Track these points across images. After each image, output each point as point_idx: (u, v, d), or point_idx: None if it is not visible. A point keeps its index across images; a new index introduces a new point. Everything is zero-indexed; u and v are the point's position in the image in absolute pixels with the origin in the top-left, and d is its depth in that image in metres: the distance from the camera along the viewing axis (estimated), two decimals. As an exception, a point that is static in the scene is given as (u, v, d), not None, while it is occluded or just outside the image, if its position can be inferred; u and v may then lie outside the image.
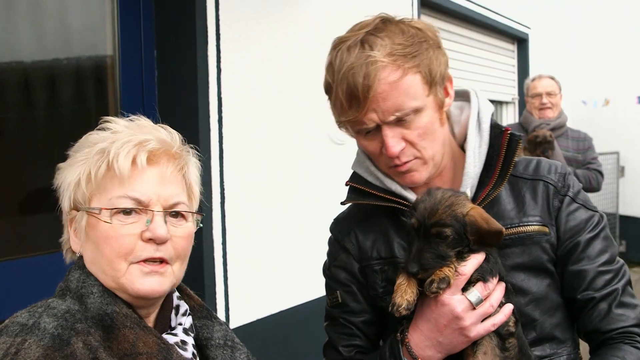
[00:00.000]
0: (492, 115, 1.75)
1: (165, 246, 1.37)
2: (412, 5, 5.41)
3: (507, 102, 8.06)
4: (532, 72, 7.61)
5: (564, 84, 5.61)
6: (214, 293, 3.43)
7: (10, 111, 2.95)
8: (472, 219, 1.46)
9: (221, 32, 3.46)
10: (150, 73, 3.44)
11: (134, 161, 1.36)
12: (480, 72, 7.19)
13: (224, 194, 3.48)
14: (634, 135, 9.70)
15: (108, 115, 1.46)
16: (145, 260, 1.35)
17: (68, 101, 3.20)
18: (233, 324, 3.53)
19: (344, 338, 1.77)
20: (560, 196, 1.68)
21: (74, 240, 1.42)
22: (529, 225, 1.65)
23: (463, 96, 1.80)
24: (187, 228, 1.44)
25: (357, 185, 1.75)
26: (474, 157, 1.66)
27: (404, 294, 1.46)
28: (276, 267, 3.83)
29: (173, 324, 1.46)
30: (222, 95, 3.46)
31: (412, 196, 1.67)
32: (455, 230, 1.45)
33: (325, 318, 1.85)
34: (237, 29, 3.57)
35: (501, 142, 1.65)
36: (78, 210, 1.38)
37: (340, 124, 1.66)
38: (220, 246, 3.47)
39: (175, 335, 1.42)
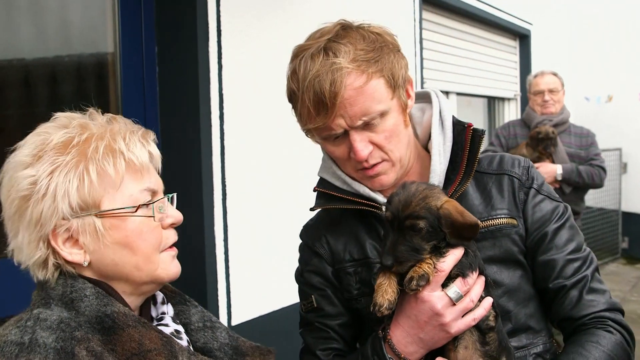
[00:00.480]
0: (453, 114, 1.77)
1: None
2: (414, 2, 5.41)
3: (509, 99, 8.05)
4: (534, 68, 7.59)
5: (567, 80, 5.59)
6: (216, 290, 3.43)
7: (12, 108, 2.95)
8: (447, 211, 1.46)
9: (222, 28, 3.46)
10: (151, 69, 3.43)
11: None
12: (482, 69, 7.17)
13: (225, 190, 3.48)
14: (637, 132, 9.67)
15: (110, 112, 1.45)
16: (170, 246, 1.40)
17: (69, 98, 3.20)
18: (235, 321, 3.54)
19: (321, 342, 1.77)
20: (525, 189, 1.73)
21: (71, 252, 1.30)
22: (497, 218, 1.68)
23: (423, 98, 1.83)
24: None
25: (325, 190, 1.77)
26: (439, 155, 1.69)
27: (385, 293, 1.46)
28: (278, 264, 3.83)
29: (154, 314, 1.45)
30: (224, 92, 3.46)
31: (381, 198, 1.70)
32: (429, 223, 1.45)
33: (300, 324, 1.86)
34: (238, 24, 3.56)
35: (464, 138, 1.68)
36: (79, 217, 1.29)
37: (307, 131, 1.68)
38: (222, 242, 3.47)
39: (167, 325, 1.41)
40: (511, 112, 8.05)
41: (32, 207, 1.27)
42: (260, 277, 3.72)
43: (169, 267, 1.38)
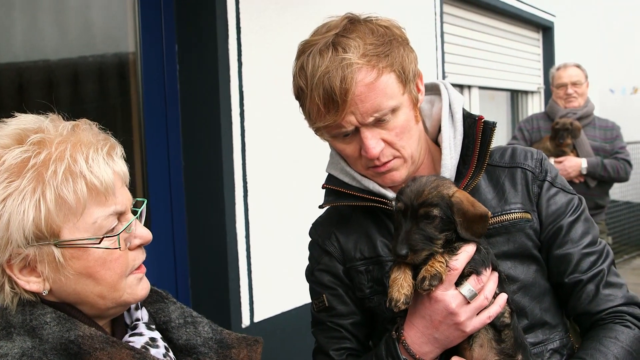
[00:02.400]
0: (463, 105, 1.74)
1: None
2: (435, -6, 5.37)
3: (532, 92, 7.96)
4: (558, 60, 7.50)
5: (591, 73, 5.51)
6: (238, 287, 3.45)
7: (36, 108, 2.98)
8: (458, 199, 1.45)
9: (242, 25, 3.46)
10: (171, 68, 3.45)
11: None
12: (505, 62, 7.11)
13: (246, 187, 3.49)
14: (664, 124, 9.51)
15: (131, 111, 1.36)
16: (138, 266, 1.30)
17: (92, 97, 3.23)
18: (257, 317, 3.55)
19: (334, 342, 1.74)
20: (539, 181, 1.68)
21: (28, 280, 1.20)
22: (511, 212, 1.65)
23: (432, 89, 1.79)
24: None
25: (334, 187, 1.74)
26: (450, 149, 1.66)
27: (401, 288, 1.44)
28: (299, 261, 3.81)
29: (128, 320, 1.38)
30: (244, 89, 3.47)
31: (390, 194, 1.67)
32: (442, 211, 1.43)
33: (312, 323, 1.83)
34: (257, 22, 3.57)
35: (475, 131, 1.64)
36: (35, 246, 1.17)
37: (317, 129, 1.64)
38: (244, 239, 3.48)
39: (141, 334, 1.33)
40: (535, 106, 7.97)
41: None
42: (282, 274, 3.73)
43: (136, 290, 1.28)
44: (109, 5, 3.29)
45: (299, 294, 3.82)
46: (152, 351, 1.29)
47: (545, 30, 7.99)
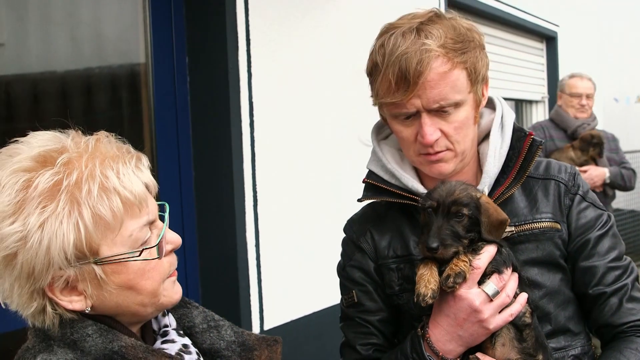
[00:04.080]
0: (515, 121, 1.80)
1: None
2: (439, 5, 5.41)
3: (536, 101, 7.99)
4: (562, 70, 7.53)
5: (595, 82, 5.55)
6: (248, 295, 3.47)
7: (47, 120, 3.02)
8: (486, 201, 1.55)
9: (251, 37, 3.51)
10: (182, 79, 3.50)
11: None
12: (509, 72, 7.14)
13: (256, 196, 3.52)
14: (668, 133, 9.52)
15: (142, 122, 1.37)
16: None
17: (104, 108, 3.28)
18: (267, 325, 3.57)
19: (361, 337, 1.79)
20: (571, 195, 1.74)
21: (70, 300, 1.20)
22: (541, 221, 1.70)
23: (486, 103, 1.85)
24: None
25: (374, 182, 1.79)
26: (494, 157, 1.72)
27: (428, 283, 1.49)
28: (309, 268, 3.85)
29: (155, 327, 1.39)
30: (253, 100, 3.51)
31: None
32: (471, 211, 1.51)
33: (341, 318, 1.88)
34: (267, 34, 3.62)
35: (523, 144, 1.71)
36: (76, 266, 1.17)
37: (380, 105, 1.70)
38: (254, 248, 3.51)
39: (173, 341, 1.35)
40: (539, 115, 7.99)
41: (21, 261, 1.14)
42: (292, 281, 3.76)
43: (172, 293, 1.31)
44: (120, 17, 3.34)
45: (309, 302, 3.85)
46: (186, 357, 1.32)
47: (549, 40, 8.02)
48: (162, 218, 1.33)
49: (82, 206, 1.15)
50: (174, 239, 1.33)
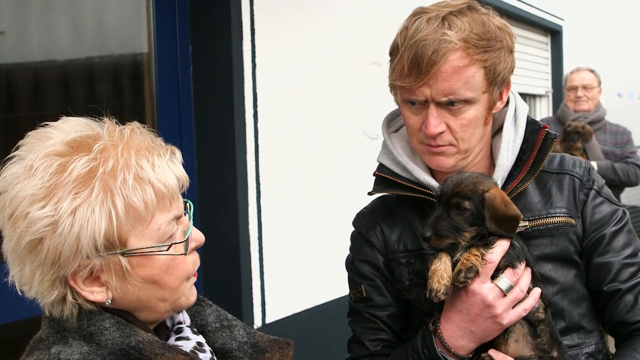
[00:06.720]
0: (528, 114, 1.78)
1: None
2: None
3: (540, 96, 7.95)
4: (566, 64, 7.50)
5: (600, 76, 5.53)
6: (250, 288, 3.45)
7: (49, 108, 3.00)
8: (491, 196, 1.49)
9: (256, 27, 3.47)
10: (185, 69, 3.46)
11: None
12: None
13: (259, 189, 3.49)
14: (672, 128, 9.48)
15: (145, 112, 1.35)
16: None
17: (106, 97, 3.24)
18: (269, 319, 3.55)
19: (370, 332, 1.76)
20: (586, 190, 1.72)
21: (92, 291, 1.18)
22: (555, 216, 1.68)
23: None
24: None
25: (385, 175, 1.76)
26: (507, 150, 1.69)
27: (441, 279, 1.47)
28: (312, 262, 3.83)
29: (169, 323, 1.37)
30: (257, 90, 3.47)
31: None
32: (473, 204, 1.48)
33: (349, 313, 1.85)
34: (271, 24, 3.57)
35: (537, 137, 1.68)
36: (105, 256, 1.15)
37: (393, 87, 1.68)
38: (256, 241, 3.48)
39: (187, 338, 1.33)
40: (543, 109, 7.96)
41: (47, 247, 1.11)
42: (294, 275, 3.73)
43: (189, 295, 1.29)
44: (123, 6, 3.30)
45: (312, 296, 3.83)
46: (201, 355, 1.29)
47: (554, 34, 7.98)
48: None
49: (115, 195, 1.13)
50: (198, 237, 1.31)
